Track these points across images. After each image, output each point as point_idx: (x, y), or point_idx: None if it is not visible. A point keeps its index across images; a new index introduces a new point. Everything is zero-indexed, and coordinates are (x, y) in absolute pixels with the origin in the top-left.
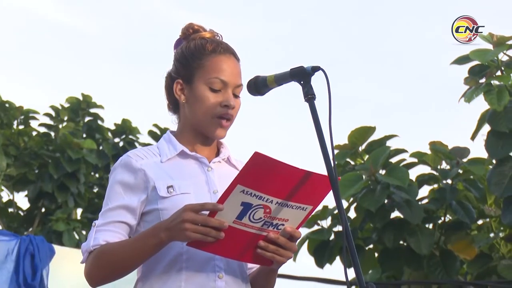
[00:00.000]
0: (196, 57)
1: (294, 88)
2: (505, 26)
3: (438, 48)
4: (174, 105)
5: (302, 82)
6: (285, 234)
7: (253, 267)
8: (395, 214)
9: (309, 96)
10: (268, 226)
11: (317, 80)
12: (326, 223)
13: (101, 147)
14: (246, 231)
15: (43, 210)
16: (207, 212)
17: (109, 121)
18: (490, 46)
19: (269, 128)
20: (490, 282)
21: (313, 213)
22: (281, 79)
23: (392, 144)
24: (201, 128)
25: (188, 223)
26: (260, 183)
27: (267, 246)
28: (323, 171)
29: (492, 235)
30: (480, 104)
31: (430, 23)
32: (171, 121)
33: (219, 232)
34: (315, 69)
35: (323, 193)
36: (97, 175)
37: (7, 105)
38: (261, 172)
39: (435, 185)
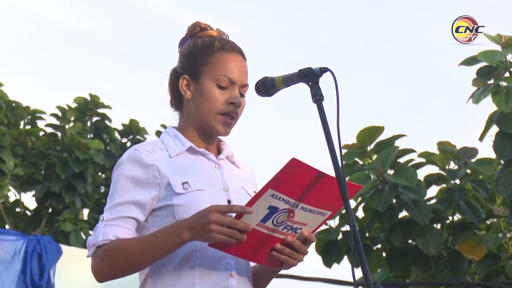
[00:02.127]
0: (204, 54)
1: (302, 89)
2: (505, 26)
3: (443, 49)
4: (177, 101)
5: (310, 83)
6: (300, 237)
7: (252, 264)
8: (403, 214)
9: (317, 97)
10: (288, 229)
11: (325, 81)
12: (334, 222)
13: (108, 148)
14: (263, 233)
15: (50, 210)
16: (233, 214)
17: (117, 121)
18: (492, 47)
19: (277, 129)
20: (498, 283)
21: None
22: (289, 80)
23: (400, 144)
24: (205, 124)
25: (215, 225)
26: (291, 188)
27: (283, 249)
28: (331, 171)
29: (500, 235)
30: (489, 104)
31: (435, 23)
32: (172, 117)
33: (243, 235)
34: (323, 70)
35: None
36: (104, 176)
37: (14, 104)
38: (294, 178)
39: (443, 185)
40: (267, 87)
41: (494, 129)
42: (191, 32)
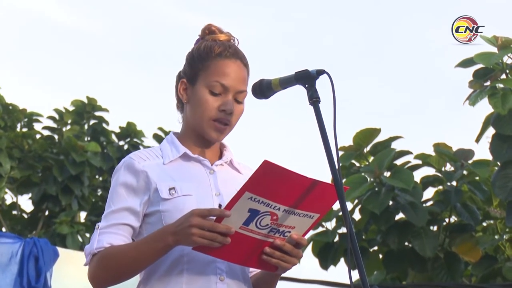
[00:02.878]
0: (202, 59)
1: (299, 91)
2: (505, 26)
3: (443, 49)
4: (181, 104)
5: (306, 86)
6: (291, 241)
7: (255, 270)
8: (400, 216)
9: (314, 99)
10: (275, 232)
11: (322, 83)
12: (330, 225)
13: (105, 150)
14: (252, 237)
15: (47, 213)
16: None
17: (114, 124)
18: (491, 47)
19: (274, 131)
20: (494, 285)
21: None
22: (285, 83)
23: (397, 145)
24: (199, 129)
25: (195, 228)
26: (268, 191)
27: (272, 252)
28: (328, 173)
29: (497, 237)
30: (485, 106)
31: (435, 23)
32: (177, 120)
33: (225, 238)
34: (320, 72)
35: (330, 202)
36: (101, 178)
37: (10, 107)
38: (270, 180)
39: (440, 187)
40: (263, 89)
41: (491, 131)
42: (203, 34)
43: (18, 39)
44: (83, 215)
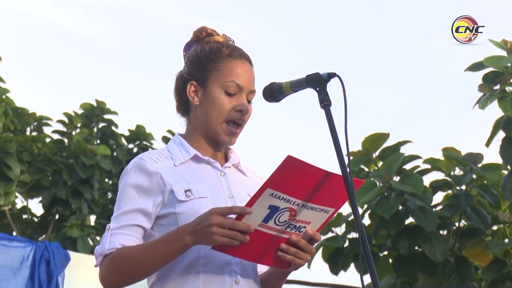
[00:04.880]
0: (212, 60)
1: (310, 94)
2: (505, 26)
3: (448, 51)
4: (184, 107)
5: (318, 89)
6: (305, 236)
7: (262, 269)
8: (410, 220)
9: (325, 102)
10: (291, 228)
11: (333, 86)
12: (340, 230)
13: (115, 153)
14: (268, 234)
15: (57, 216)
16: (233, 215)
17: (123, 127)
18: (492, 49)
19: (284, 134)
20: None
21: None
22: (296, 86)
23: (405, 150)
24: (212, 132)
25: (215, 227)
26: (289, 186)
27: (288, 248)
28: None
29: (506, 241)
30: (495, 110)
31: (438, 26)
32: (179, 123)
33: (245, 236)
34: (331, 75)
35: (346, 195)
36: (110, 181)
37: (20, 111)
38: (292, 176)
39: (449, 191)
40: (274, 92)
41: (501, 134)
42: (197, 37)
43: (28, 45)
44: (93, 218)
